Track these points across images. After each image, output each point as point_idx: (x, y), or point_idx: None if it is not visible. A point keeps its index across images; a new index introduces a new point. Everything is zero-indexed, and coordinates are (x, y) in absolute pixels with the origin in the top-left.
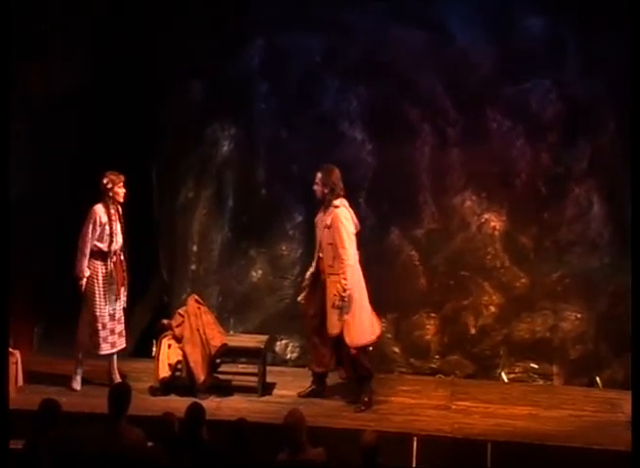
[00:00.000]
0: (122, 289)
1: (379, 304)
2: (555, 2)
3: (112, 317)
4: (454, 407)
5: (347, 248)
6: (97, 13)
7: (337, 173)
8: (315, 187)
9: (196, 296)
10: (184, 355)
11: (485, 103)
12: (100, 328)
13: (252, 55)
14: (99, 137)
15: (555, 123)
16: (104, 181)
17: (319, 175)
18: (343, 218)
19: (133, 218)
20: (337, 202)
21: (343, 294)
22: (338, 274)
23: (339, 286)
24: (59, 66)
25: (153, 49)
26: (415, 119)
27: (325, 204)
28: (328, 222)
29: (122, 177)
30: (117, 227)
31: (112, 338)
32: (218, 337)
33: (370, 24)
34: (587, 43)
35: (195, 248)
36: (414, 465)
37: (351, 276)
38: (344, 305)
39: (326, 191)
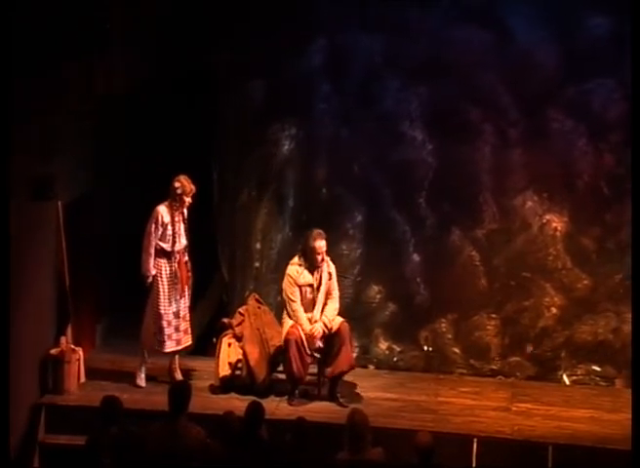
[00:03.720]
0: (186, 287)
1: (439, 304)
2: (619, 1)
3: (177, 315)
4: (514, 408)
5: None
6: (159, 13)
7: None
8: None
9: (257, 296)
10: (244, 354)
11: (547, 103)
12: (165, 325)
13: (313, 54)
14: (161, 137)
15: (618, 123)
16: (176, 185)
17: None
18: None
19: (193, 218)
20: None
21: None
22: None
23: None
24: (121, 66)
25: (215, 48)
26: (476, 119)
27: None
28: None
29: (194, 189)
30: (181, 228)
31: (177, 336)
32: (277, 337)
33: (431, 24)
34: None
35: (259, 245)
36: (474, 467)
37: None
38: None
39: None
